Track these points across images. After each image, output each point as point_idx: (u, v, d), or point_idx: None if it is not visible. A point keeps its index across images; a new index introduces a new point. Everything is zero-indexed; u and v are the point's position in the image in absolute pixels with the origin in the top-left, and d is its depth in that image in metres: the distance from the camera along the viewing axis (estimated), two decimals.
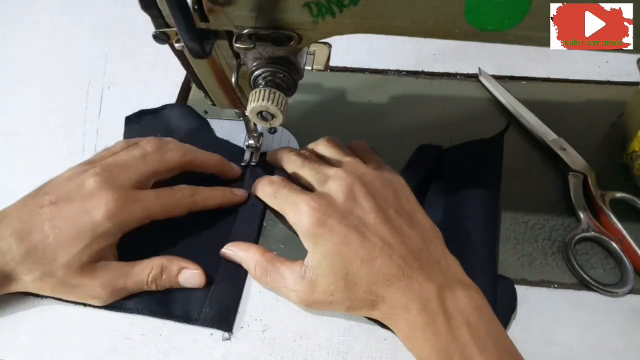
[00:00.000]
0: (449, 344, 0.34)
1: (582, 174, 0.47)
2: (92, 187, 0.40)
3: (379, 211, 0.38)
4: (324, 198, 0.38)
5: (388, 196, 0.39)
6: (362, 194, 0.38)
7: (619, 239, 0.43)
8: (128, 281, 0.40)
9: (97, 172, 0.41)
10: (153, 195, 0.42)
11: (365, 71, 0.59)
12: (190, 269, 0.41)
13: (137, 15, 0.31)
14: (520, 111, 0.52)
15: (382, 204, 0.38)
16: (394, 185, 0.41)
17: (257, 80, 0.36)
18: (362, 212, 0.38)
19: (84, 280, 0.39)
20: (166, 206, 0.42)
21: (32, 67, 0.62)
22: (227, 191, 0.46)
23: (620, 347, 0.39)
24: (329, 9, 0.30)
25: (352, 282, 0.37)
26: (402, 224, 0.38)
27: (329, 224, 0.37)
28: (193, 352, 0.40)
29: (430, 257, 0.37)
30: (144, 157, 0.43)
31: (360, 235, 0.37)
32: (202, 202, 0.44)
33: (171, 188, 0.43)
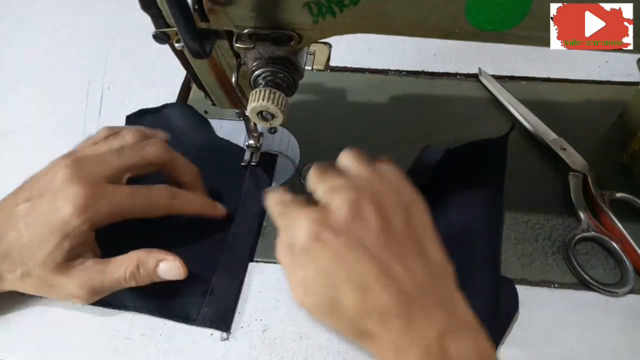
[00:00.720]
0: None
1: (582, 173, 0.47)
2: (61, 181, 0.38)
3: (383, 233, 0.32)
4: (325, 210, 0.33)
5: (398, 219, 0.34)
6: (368, 210, 0.33)
7: (619, 238, 0.43)
8: (105, 279, 0.39)
9: (67, 164, 0.39)
10: (126, 192, 0.40)
11: (366, 71, 0.59)
12: (168, 261, 0.40)
13: (138, 15, 0.31)
14: (521, 111, 0.52)
15: (388, 226, 0.33)
16: (410, 209, 0.35)
17: (257, 80, 0.36)
18: (363, 231, 0.32)
19: (60, 279, 0.38)
20: (140, 206, 0.41)
21: (32, 66, 0.62)
22: (207, 201, 0.45)
23: (620, 347, 0.39)
24: (329, 8, 0.30)
25: (341, 308, 0.32)
26: (409, 253, 0.33)
27: (323, 237, 0.32)
28: (193, 352, 0.40)
29: (436, 296, 0.32)
30: (121, 150, 0.41)
31: (356, 256, 0.31)
32: (179, 207, 0.43)
33: (149, 187, 0.41)
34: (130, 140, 0.42)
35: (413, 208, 0.35)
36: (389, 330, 0.31)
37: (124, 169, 0.41)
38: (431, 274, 0.33)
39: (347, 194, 0.34)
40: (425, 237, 0.35)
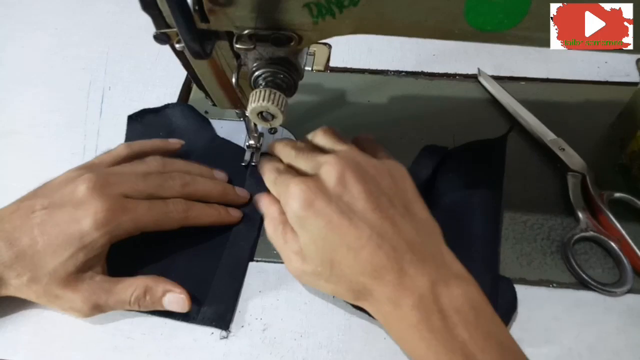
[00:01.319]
0: (446, 343, 0.32)
1: (580, 174, 0.47)
2: (84, 194, 0.39)
3: (370, 198, 0.35)
4: (314, 181, 0.36)
5: (383, 184, 0.36)
6: (353, 178, 0.35)
7: (618, 238, 0.43)
8: (110, 299, 0.39)
9: (90, 178, 0.40)
10: (145, 207, 0.41)
11: (365, 72, 0.59)
12: (175, 293, 0.40)
13: (138, 16, 0.31)
14: (519, 111, 0.52)
15: (374, 190, 0.36)
16: (393, 173, 0.38)
17: (258, 80, 0.36)
18: (351, 197, 0.35)
19: (66, 292, 0.38)
20: (157, 220, 0.41)
21: (33, 67, 0.62)
22: (222, 210, 0.45)
23: (619, 346, 0.39)
24: (329, 9, 0.30)
25: (338, 269, 0.35)
26: (395, 213, 0.35)
27: (316, 206, 0.35)
28: (194, 351, 0.40)
29: (424, 250, 0.35)
30: (146, 176, 0.42)
31: (348, 221, 0.34)
32: (194, 219, 0.43)
33: (164, 201, 0.42)
34: (155, 168, 0.44)
35: (396, 173, 0.38)
36: (383, 285, 0.34)
37: (144, 192, 0.42)
38: (418, 231, 0.36)
39: (333, 165, 0.36)
40: (410, 198, 0.37)
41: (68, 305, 0.39)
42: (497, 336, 0.33)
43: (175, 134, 0.50)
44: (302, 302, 0.42)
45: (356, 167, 0.37)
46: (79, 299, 0.39)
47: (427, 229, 0.37)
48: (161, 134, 0.53)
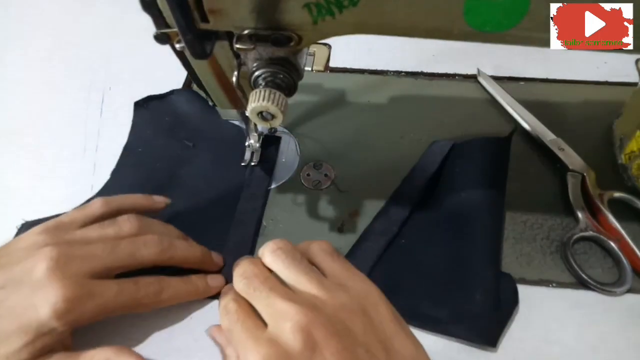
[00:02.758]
0: None
1: (580, 173, 0.47)
2: (43, 275, 0.34)
3: (345, 353, 0.30)
4: (276, 349, 0.30)
5: (356, 329, 0.31)
6: (322, 338, 0.30)
7: (617, 238, 0.43)
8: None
9: (52, 256, 0.35)
10: (113, 292, 0.36)
11: (365, 72, 0.59)
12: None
13: (138, 16, 0.31)
14: (519, 111, 0.53)
15: (347, 345, 0.30)
16: (364, 307, 0.33)
17: (258, 80, 0.36)
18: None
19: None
20: (126, 305, 0.37)
21: (33, 67, 0.62)
22: (200, 284, 0.41)
23: (618, 346, 0.39)
24: (329, 9, 0.30)
25: None
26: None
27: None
28: (194, 351, 0.40)
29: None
30: (115, 246, 0.37)
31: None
32: (169, 300, 0.39)
33: (136, 282, 0.37)
34: (127, 232, 0.39)
35: (367, 304, 0.33)
36: None
37: (113, 268, 0.37)
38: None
39: (295, 322, 0.30)
40: (389, 333, 0.32)
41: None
42: None
43: (180, 118, 0.51)
44: None
45: (323, 318, 0.31)
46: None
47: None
48: (167, 119, 0.54)
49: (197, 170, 0.51)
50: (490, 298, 0.40)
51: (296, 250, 0.36)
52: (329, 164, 0.51)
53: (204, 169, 0.50)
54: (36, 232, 0.38)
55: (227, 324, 0.34)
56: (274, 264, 0.35)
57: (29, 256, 0.35)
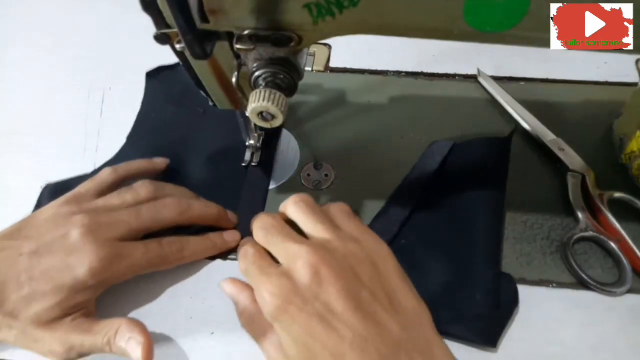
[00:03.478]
0: None
1: (580, 173, 0.47)
2: (77, 241, 0.37)
3: (349, 296, 0.32)
4: (286, 281, 0.33)
5: (363, 275, 0.33)
6: (329, 275, 0.32)
7: (617, 238, 0.43)
8: (85, 341, 0.37)
9: (83, 223, 0.38)
10: (140, 251, 0.40)
11: (365, 72, 0.59)
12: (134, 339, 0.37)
13: (138, 16, 0.31)
14: (519, 111, 0.52)
15: (353, 286, 0.32)
16: (373, 259, 0.35)
17: (258, 80, 0.36)
18: (328, 297, 0.32)
19: (44, 334, 0.37)
20: (153, 263, 0.40)
21: (33, 67, 0.62)
22: (217, 240, 0.44)
23: (618, 346, 0.39)
24: (329, 10, 0.30)
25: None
26: (378, 309, 0.32)
27: (290, 312, 0.32)
28: (194, 351, 0.40)
29: (412, 349, 0.32)
30: (138, 210, 0.41)
31: (326, 326, 0.31)
32: (191, 256, 0.43)
33: (159, 242, 0.41)
34: (144, 196, 0.42)
35: (376, 256, 0.35)
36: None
37: (139, 230, 0.41)
38: (404, 326, 0.32)
39: (306, 260, 0.33)
40: (394, 285, 0.34)
41: (46, 347, 0.37)
42: None
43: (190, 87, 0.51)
44: None
45: (332, 258, 0.33)
46: (55, 341, 0.37)
47: (414, 321, 0.33)
48: (177, 88, 0.57)
49: (207, 135, 0.53)
50: (491, 298, 0.40)
51: (316, 205, 0.39)
52: (329, 164, 0.51)
53: (212, 133, 0.53)
54: (57, 204, 0.41)
55: (244, 266, 0.37)
56: (294, 214, 0.38)
57: (59, 225, 0.38)
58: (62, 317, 0.37)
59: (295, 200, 0.38)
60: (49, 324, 0.37)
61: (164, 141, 0.53)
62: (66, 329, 0.37)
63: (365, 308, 0.32)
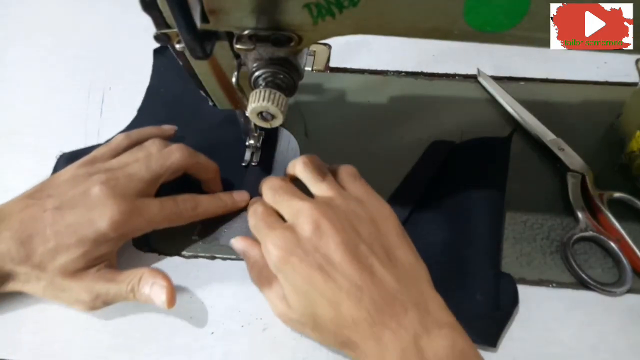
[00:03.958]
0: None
1: (580, 173, 0.47)
2: (98, 196, 0.40)
3: (347, 249, 0.34)
4: (290, 234, 0.35)
5: (362, 231, 0.36)
6: (330, 228, 0.35)
7: (617, 238, 0.43)
8: (111, 289, 0.39)
9: (102, 181, 0.40)
10: (157, 207, 0.42)
11: (365, 72, 0.59)
12: (158, 285, 0.39)
13: (138, 16, 0.31)
14: (519, 111, 0.53)
15: (352, 240, 0.35)
16: (374, 217, 0.37)
17: (258, 81, 0.36)
18: (328, 249, 0.34)
19: (72, 284, 0.39)
20: (169, 218, 0.43)
21: (33, 67, 0.62)
22: (228, 200, 0.46)
23: (618, 346, 0.39)
24: (329, 10, 0.30)
25: (321, 322, 0.35)
26: (375, 262, 0.34)
27: (292, 262, 0.34)
28: (193, 350, 0.40)
29: (406, 300, 0.33)
30: (148, 161, 0.43)
31: (325, 275, 0.34)
32: (204, 214, 0.45)
33: (174, 199, 0.43)
34: (155, 150, 0.44)
35: (377, 215, 0.37)
36: (366, 339, 0.33)
37: (153, 180, 0.42)
38: (400, 279, 0.34)
39: (309, 214, 0.36)
40: (393, 242, 0.36)
41: (73, 297, 0.39)
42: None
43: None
44: None
45: (333, 214, 0.36)
46: (82, 289, 0.39)
47: (410, 275, 0.35)
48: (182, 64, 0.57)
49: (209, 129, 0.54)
50: (491, 298, 0.40)
51: (324, 166, 0.42)
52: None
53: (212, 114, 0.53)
54: (75, 167, 0.43)
55: (253, 222, 0.40)
56: (302, 173, 0.41)
57: (79, 183, 0.41)
58: (87, 268, 0.39)
59: (304, 161, 0.41)
60: (75, 274, 0.39)
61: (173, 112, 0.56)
62: (92, 279, 0.39)
63: (363, 260, 0.34)
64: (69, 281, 0.39)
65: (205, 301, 0.43)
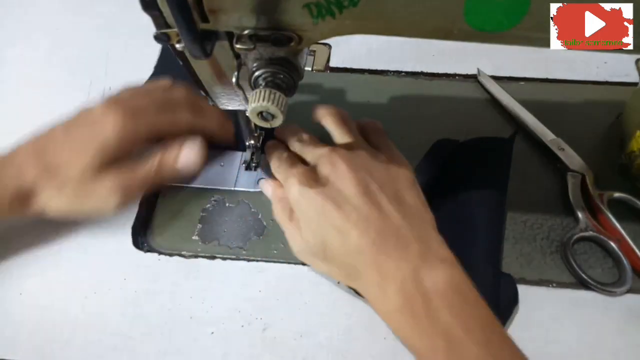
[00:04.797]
0: (429, 326, 0.33)
1: (580, 173, 0.47)
2: (100, 112, 0.42)
3: (359, 185, 0.37)
4: (310, 171, 0.40)
5: (376, 172, 0.39)
6: (345, 168, 0.38)
7: (618, 238, 0.43)
8: (135, 177, 0.42)
9: (102, 103, 0.43)
10: (154, 110, 0.44)
11: (365, 72, 0.59)
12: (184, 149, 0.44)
13: (138, 16, 0.31)
14: (519, 111, 0.52)
15: (364, 178, 0.38)
16: (390, 165, 0.40)
17: (258, 80, 0.36)
18: (341, 184, 0.38)
19: (95, 185, 0.41)
20: (170, 121, 0.44)
21: (33, 67, 0.62)
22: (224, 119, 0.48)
23: (618, 346, 0.39)
24: (329, 9, 0.30)
25: (330, 251, 0.37)
26: (383, 199, 0.37)
27: (309, 194, 0.38)
28: (193, 350, 0.40)
29: (410, 235, 0.36)
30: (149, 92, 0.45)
31: (336, 207, 0.37)
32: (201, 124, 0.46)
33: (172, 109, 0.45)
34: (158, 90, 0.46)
35: (392, 164, 0.40)
36: (369, 267, 0.36)
37: (155, 104, 0.44)
38: (405, 215, 0.37)
39: (328, 157, 0.40)
40: (402, 186, 0.39)
41: (101, 200, 0.42)
42: (482, 319, 0.34)
43: None
44: (302, 302, 0.42)
45: (350, 158, 0.39)
46: (107, 188, 0.41)
47: (416, 215, 0.38)
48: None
49: None
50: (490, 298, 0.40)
51: (350, 119, 0.45)
52: None
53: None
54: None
55: (277, 164, 0.44)
56: (329, 123, 0.45)
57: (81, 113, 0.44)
58: (106, 167, 0.42)
59: (332, 112, 0.45)
60: (95, 177, 0.41)
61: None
62: (114, 173, 0.42)
63: (372, 197, 0.37)
64: (92, 183, 0.41)
65: (205, 301, 0.43)
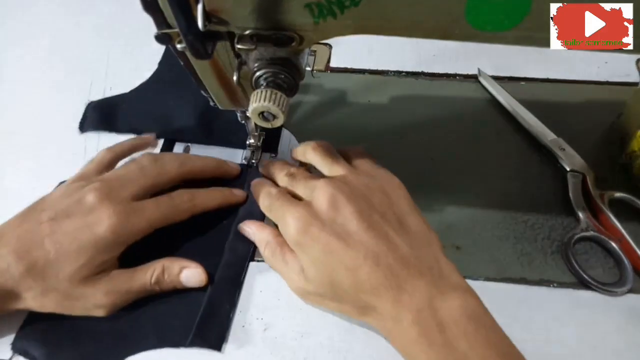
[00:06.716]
0: (447, 356, 0.32)
1: (581, 173, 0.47)
2: (93, 202, 0.39)
3: (362, 217, 0.36)
4: (308, 207, 0.38)
5: (374, 201, 0.38)
6: (344, 200, 0.37)
7: (618, 238, 0.43)
8: (132, 284, 0.40)
9: (96, 187, 0.40)
10: (153, 205, 0.42)
11: (366, 72, 0.59)
12: (191, 268, 0.42)
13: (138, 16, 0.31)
14: (520, 111, 0.53)
15: (365, 209, 0.37)
16: (385, 189, 0.39)
17: (259, 81, 0.36)
18: (344, 219, 0.36)
19: (85, 290, 0.39)
20: (167, 214, 0.42)
21: (33, 68, 0.62)
22: (226, 191, 0.46)
23: (619, 346, 0.39)
24: (330, 10, 0.30)
25: (340, 289, 0.36)
26: (389, 229, 0.36)
27: (311, 232, 0.36)
28: (193, 350, 0.40)
29: (420, 264, 0.35)
30: (142, 170, 0.43)
31: (343, 243, 0.36)
32: (202, 205, 0.45)
33: (169, 195, 0.43)
34: (147, 162, 0.44)
35: (387, 186, 0.40)
36: (383, 302, 0.35)
37: (149, 187, 0.43)
38: (413, 244, 0.36)
39: (324, 190, 0.38)
40: (403, 210, 0.38)
41: (91, 302, 0.39)
42: (498, 345, 0.33)
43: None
44: (303, 302, 0.42)
45: (347, 188, 0.38)
46: (100, 293, 0.39)
47: (423, 241, 0.37)
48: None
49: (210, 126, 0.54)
50: None
51: (334, 148, 0.44)
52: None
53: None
54: (66, 184, 0.43)
55: (268, 202, 0.42)
56: (314, 157, 0.43)
57: (72, 195, 0.40)
58: (95, 274, 0.39)
59: (314, 146, 0.44)
60: (87, 281, 0.39)
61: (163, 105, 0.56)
62: (108, 280, 0.40)
63: (377, 228, 0.36)
64: (82, 288, 0.39)
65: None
